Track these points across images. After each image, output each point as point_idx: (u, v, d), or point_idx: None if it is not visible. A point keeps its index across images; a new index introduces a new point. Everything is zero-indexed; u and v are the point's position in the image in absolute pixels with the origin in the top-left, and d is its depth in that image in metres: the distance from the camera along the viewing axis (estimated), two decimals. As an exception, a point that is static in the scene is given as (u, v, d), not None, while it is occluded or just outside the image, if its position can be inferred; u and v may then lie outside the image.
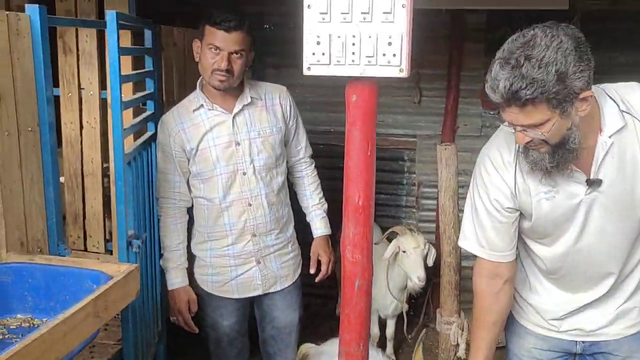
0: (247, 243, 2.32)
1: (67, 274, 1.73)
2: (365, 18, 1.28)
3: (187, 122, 2.24)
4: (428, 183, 4.06)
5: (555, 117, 1.41)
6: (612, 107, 1.53)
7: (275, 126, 2.32)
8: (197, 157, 2.24)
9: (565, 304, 1.79)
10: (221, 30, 2.09)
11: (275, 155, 2.33)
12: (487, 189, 1.72)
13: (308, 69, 1.34)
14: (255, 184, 2.27)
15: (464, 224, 1.84)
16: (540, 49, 1.35)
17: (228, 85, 2.17)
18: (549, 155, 1.50)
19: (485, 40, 3.70)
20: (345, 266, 1.48)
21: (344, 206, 1.47)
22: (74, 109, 2.66)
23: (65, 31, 2.55)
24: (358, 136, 1.40)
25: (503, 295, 1.80)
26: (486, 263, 1.79)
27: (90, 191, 2.75)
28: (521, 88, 1.35)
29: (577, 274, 1.74)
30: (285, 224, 2.43)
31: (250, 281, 2.37)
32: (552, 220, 1.65)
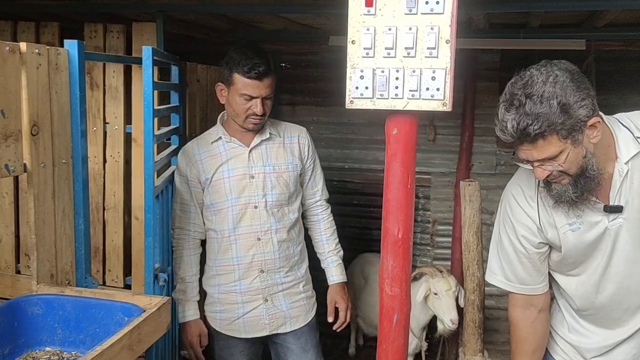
0: (255, 279, 2.29)
1: (98, 306, 1.71)
2: (409, 53, 1.31)
3: (205, 152, 2.26)
4: (443, 220, 4.06)
5: (568, 147, 1.45)
6: (626, 134, 1.57)
7: (291, 163, 2.31)
8: (211, 187, 2.24)
9: (604, 341, 1.77)
10: (253, 79, 2.10)
11: (289, 192, 2.31)
12: (514, 226, 1.73)
13: (351, 103, 1.36)
14: (266, 219, 2.25)
15: (490, 260, 1.85)
16: (539, 86, 1.43)
17: (261, 125, 2.22)
18: (571, 186, 1.53)
19: (500, 79, 3.77)
20: (384, 300, 1.47)
21: (382, 239, 1.46)
22: (98, 143, 2.68)
23: (93, 67, 2.59)
24: (398, 169, 1.41)
25: (539, 324, 1.81)
26: (519, 295, 1.80)
27: (111, 225, 2.75)
28: (528, 125, 1.42)
29: (612, 307, 1.71)
30: (297, 262, 2.39)
31: (258, 320, 2.32)
32: (581, 251, 1.66)
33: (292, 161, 2.31)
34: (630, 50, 3.55)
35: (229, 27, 3.35)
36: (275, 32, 3.56)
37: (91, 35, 2.65)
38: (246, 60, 2.09)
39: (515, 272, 1.77)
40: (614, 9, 2.51)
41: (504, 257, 1.79)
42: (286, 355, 2.41)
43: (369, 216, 4.16)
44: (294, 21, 3.20)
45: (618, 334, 1.74)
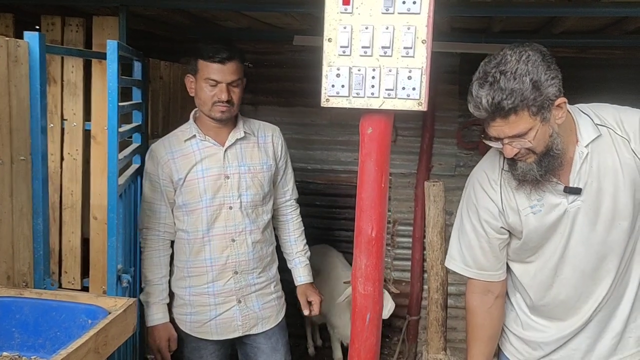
0: (229, 281, 2.25)
1: (59, 309, 1.64)
2: (386, 52, 1.31)
3: (178, 151, 2.20)
4: (403, 221, 4.10)
5: (537, 124, 1.52)
6: (586, 120, 1.65)
7: (265, 163, 2.30)
8: (184, 187, 2.19)
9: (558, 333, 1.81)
10: (216, 63, 2.09)
11: (264, 192, 2.29)
12: (477, 210, 1.78)
13: (327, 101, 1.35)
14: (240, 220, 2.23)
15: (450, 246, 1.90)
16: (512, 64, 1.50)
17: (229, 115, 2.17)
18: (536, 165, 1.60)
19: (460, 82, 3.83)
20: (356, 299, 1.47)
21: (355, 238, 1.46)
22: (55, 140, 2.59)
23: (50, 61, 2.50)
24: (372, 168, 1.41)
25: (495, 310, 1.86)
26: (477, 281, 1.84)
27: (69, 225, 2.66)
28: (502, 99, 1.48)
29: (567, 292, 1.75)
30: (269, 263, 2.37)
31: (230, 321, 2.29)
32: (541, 234, 1.71)
33: (266, 161, 2.30)
34: (583, 57, 3.68)
35: (191, 24, 3.29)
36: (239, 31, 3.52)
37: (48, 28, 2.56)
38: (210, 47, 2.10)
39: (474, 258, 1.81)
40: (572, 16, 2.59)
41: (464, 243, 1.83)
42: (256, 355, 2.39)
43: (331, 217, 4.17)
44: (258, 20, 3.17)
45: (572, 324, 1.78)
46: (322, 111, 3.98)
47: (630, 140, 1.63)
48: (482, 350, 1.87)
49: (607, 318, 1.77)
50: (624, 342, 1.80)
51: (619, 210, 1.65)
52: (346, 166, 4.08)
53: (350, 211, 4.07)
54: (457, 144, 3.97)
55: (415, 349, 4.09)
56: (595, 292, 1.73)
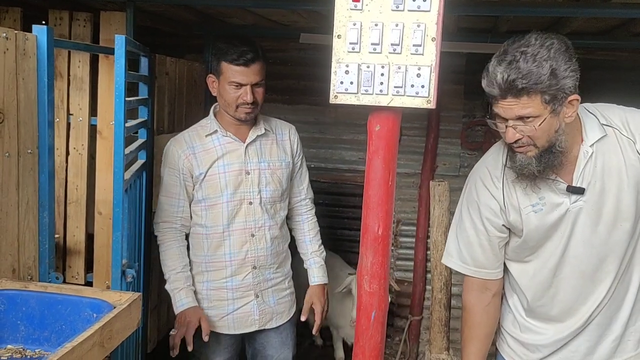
0: (247, 275, 2.26)
1: (64, 302, 1.65)
2: (395, 50, 1.31)
3: (199, 146, 2.20)
4: (407, 221, 4.10)
5: (546, 114, 1.51)
6: (593, 120, 1.65)
7: (284, 160, 2.31)
8: (205, 182, 2.19)
9: (556, 335, 1.80)
10: (240, 66, 2.08)
11: (282, 188, 2.30)
12: (479, 207, 1.77)
13: (335, 98, 1.35)
14: (260, 215, 2.24)
15: (448, 243, 1.89)
16: (535, 47, 1.49)
17: (254, 115, 2.19)
18: (535, 159, 1.58)
19: (465, 83, 3.83)
20: (362, 297, 1.46)
21: (362, 235, 1.46)
22: (61, 135, 2.60)
23: (57, 55, 2.50)
24: (380, 165, 1.41)
25: (492, 308, 1.86)
26: (475, 279, 1.83)
27: (73, 220, 2.67)
28: (518, 78, 1.47)
29: (565, 293, 1.74)
30: (285, 259, 2.39)
31: (248, 316, 2.30)
32: (542, 233, 1.70)
33: (284, 158, 2.32)
34: (590, 58, 3.67)
35: (198, 20, 3.29)
36: (244, 28, 3.51)
37: (56, 23, 2.56)
38: (233, 49, 2.08)
39: (472, 255, 1.80)
40: (579, 17, 2.59)
41: (463, 240, 1.82)
42: (265, 349, 2.40)
43: (335, 216, 4.16)
44: (264, 17, 3.17)
45: (570, 325, 1.77)
46: (327, 109, 3.98)
47: (635, 142, 1.63)
48: (479, 348, 1.86)
49: (608, 321, 1.76)
50: (623, 345, 1.79)
51: (622, 211, 1.64)
52: (351, 165, 4.07)
53: (354, 210, 4.06)
54: (461, 144, 3.96)
55: (417, 349, 4.09)
56: (594, 294, 1.72)
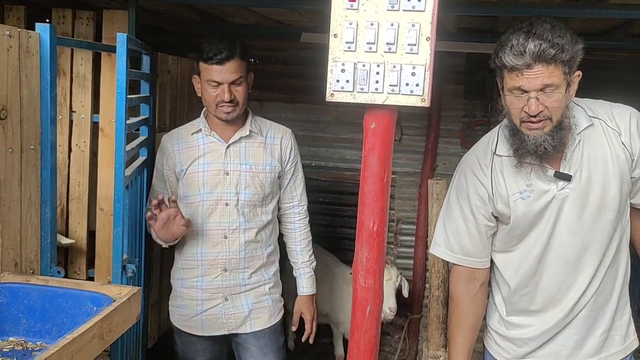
0: (217, 277, 2.25)
1: (65, 296, 1.67)
2: (390, 49, 1.33)
3: (184, 144, 2.24)
4: (406, 219, 4.12)
5: (564, 85, 1.58)
6: (580, 111, 1.72)
7: (269, 164, 2.27)
8: (185, 179, 2.22)
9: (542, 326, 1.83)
10: (214, 64, 2.08)
11: (264, 193, 2.26)
12: (468, 196, 1.81)
13: (331, 96, 1.38)
14: (235, 217, 2.21)
15: (436, 233, 1.94)
16: (550, 23, 1.57)
17: (235, 114, 2.17)
18: (549, 136, 1.62)
19: (465, 82, 3.85)
20: (357, 291, 1.49)
21: (357, 231, 1.49)
22: (64, 132, 2.62)
23: (60, 53, 2.53)
24: (375, 163, 1.43)
25: (479, 298, 1.90)
26: (462, 268, 1.87)
27: (75, 216, 2.69)
28: (548, 47, 1.53)
29: (549, 281, 1.77)
30: (265, 265, 2.33)
31: (216, 319, 2.29)
32: (529, 220, 1.74)
33: (270, 162, 2.27)
34: (589, 59, 3.68)
35: (199, 19, 3.32)
36: (246, 27, 3.55)
37: (59, 21, 2.58)
38: (209, 47, 2.08)
39: (460, 243, 1.84)
40: (577, 18, 2.60)
41: (451, 228, 1.86)
42: (245, 356, 2.39)
43: (335, 214, 4.19)
44: (266, 16, 3.20)
45: (553, 316, 1.80)
46: (327, 108, 4.01)
47: (620, 133, 1.69)
48: (466, 337, 1.90)
49: (595, 314, 1.79)
50: (610, 339, 1.83)
51: (607, 201, 1.69)
52: (350, 164, 4.10)
53: (354, 209, 4.06)
54: (461, 143, 3.98)
55: (416, 347, 4.11)
56: (576, 283, 1.76)
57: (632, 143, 1.68)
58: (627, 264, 1.82)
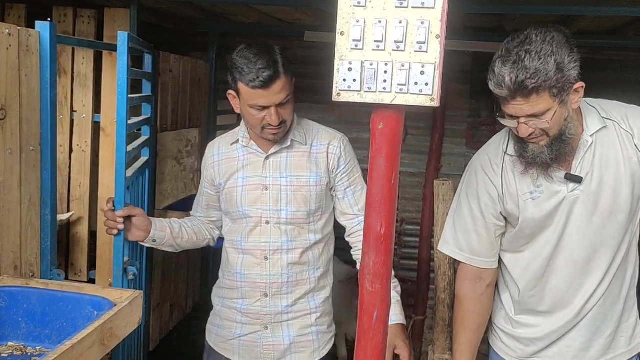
0: (257, 302, 2.01)
1: (65, 300, 1.64)
2: (398, 47, 1.29)
3: (224, 154, 2.03)
4: (411, 220, 4.08)
5: (555, 106, 1.52)
6: (593, 112, 1.68)
7: (314, 176, 1.98)
8: (224, 194, 2.02)
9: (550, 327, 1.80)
10: (259, 89, 1.79)
11: (309, 209, 1.98)
12: (478, 194, 1.78)
13: (338, 95, 1.33)
14: (277, 237, 1.97)
15: (445, 230, 1.91)
16: (537, 44, 1.50)
17: (283, 134, 1.93)
18: (547, 148, 1.60)
19: (471, 82, 3.81)
20: (364, 296, 1.45)
21: (364, 234, 1.44)
22: (65, 132, 2.59)
23: (61, 52, 2.50)
24: (383, 164, 1.39)
25: (486, 299, 1.86)
26: (469, 267, 1.84)
27: (76, 217, 2.66)
28: (526, 78, 1.47)
29: (558, 282, 1.75)
30: (312, 290, 2.05)
31: (254, 347, 2.05)
32: (538, 221, 1.71)
33: (316, 174, 1.98)
34: (597, 58, 3.65)
35: (202, 17, 3.29)
36: (249, 26, 3.51)
37: (60, 20, 2.56)
38: (249, 67, 1.78)
39: (469, 242, 1.81)
40: (586, 16, 2.56)
41: (460, 226, 1.83)
42: None
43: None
44: (269, 15, 3.16)
45: (562, 317, 1.78)
46: (332, 108, 3.97)
47: (634, 136, 1.66)
48: (471, 338, 1.87)
49: (603, 316, 1.77)
50: (617, 341, 1.81)
51: (618, 203, 1.66)
52: (356, 164, 4.06)
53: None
54: (466, 143, 3.95)
55: (420, 349, 4.07)
56: (585, 285, 1.74)
57: None
58: (635, 266, 1.81)
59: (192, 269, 3.51)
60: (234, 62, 1.83)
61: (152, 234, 2.00)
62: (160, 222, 2.05)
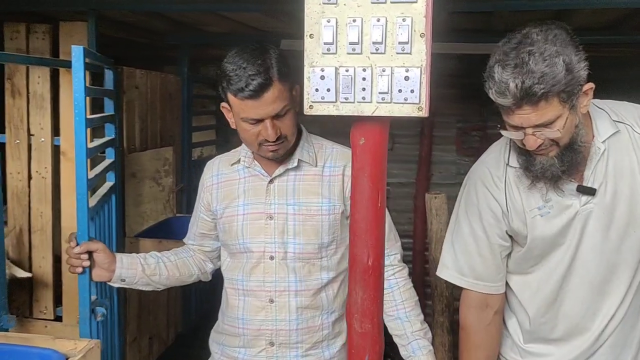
0: (261, 352, 1.74)
1: (11, 354, 1.43)
2: (378, 49, 1.10)
3: (223, 175, 1.77)
4: (402, 233, 3.86)
5: (565, 112, 1.35)
6: (603, 116, 1.51)
7: (327, 203, 1.70)
8: (222, 223, 1.76)
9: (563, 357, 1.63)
10: (249, 99, 1.54)
11: (320, 242, 1.70)
12: (479, 212, 1.60)
13: (310, 108, 1.15)
14: (283, 275, 1.70)
15: (443, 252, 1.70)
16: (540, 44, 1.32)
17: (284, 151, 1.65)
18: (557, 159, 1.42)
19: (460, 86, 3.64)
20: (353, 339, 1.25)
21: (349, 267, 1.25)
22: (22, 157, 2.40)
23: (14, 72, 2.31)
24: (367, 185, 1.20)
25: (494, 328, 1.67)
26: (474, 293, 1.64)
27: (39, 249, 2.46)
28: (534, 83, 1.30)
29: (573, 307, 1.58)
30: (327, 338, 1.76)
31: None
32: (549, 239, 1.54)
33: (328, 200, 1.70)
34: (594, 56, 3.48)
35: (171, 29, 3.10)
36: (221, 36, 3.32)
37: (12, 37, 2.37)
38: (237, 75, 1.54)
39: (471, 265, 1.62)
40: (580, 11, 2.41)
41: (460, 248, 1.64)
42: None
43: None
44: (243, 23, 2.98)
45: (578, 346, 1.60)
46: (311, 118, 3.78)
47: None
48: None
49: (622, 342, 1.60)
50: None
51: (636, 216, 1.49)
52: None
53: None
54: (456, 150, 3.79)
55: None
56: (603, 309, 1.56)
57: None
58: None
59: (172, 296, 3.29)
60: (223, 69, 1.58)
61: (118, 272, 1.73)
62: (129, 258, 1.77)
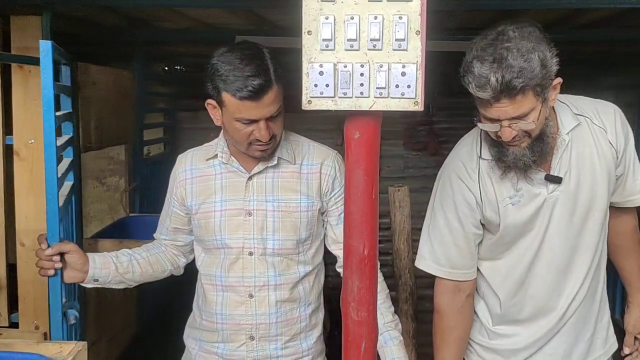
0: (241, 346, 1.77)
1: (-10, 362, 1.38)
2: (375, 46, 1.15)
3: (198, 171, 1.78)
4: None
5: (539, 105, 1.46)
6: (566, 109, 1.64)
7: (305, 200, 1.75)
8: (197, 219, 1.78)
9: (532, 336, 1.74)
10: (247, 100, 1.56)
11: (298, 238, 1.76)
12: (455, 203, 1.69)
13: (309, 103, 1.17)
14: (262, 270, 1.74)
15: (421, 244, 1.79)
16: (516, 40, 1.42)
17: (272, 150, 1.71)
18: (529, 150, 1.53)
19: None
20: (349, 327, 1.30)
21: (345, 258, 1.29)
22: (-29, 157, 2.27)
23: (-39, 68, 2.18)
24: (362, 177, 1.24)
25: (466, 310, 1.78)
26: (447, 281, 1.74)
27: (-10, 253, 2.33)
28: (513, 77, 1.39)
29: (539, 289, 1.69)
30: (304, 330, 1.83)
31: None
32: (519, 226, 1.65)
33: (307, 197, 1.76)
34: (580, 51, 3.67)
35: (125, 25, 3.01)
36: (177, 32, 3.26)
37: (-42, 31, 2.23)
38: (235, 75, 1.54)
39: (447, 256, 1.72)
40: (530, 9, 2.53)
41: (437, 240, 1.73)
42: None
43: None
44: (199, 20, 2.94)
45: (543, 325, 1.73)
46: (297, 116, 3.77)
47: (607, 131, 1.63)
48: (454, 352, 1.78)
49: (583, 320, 1.73)
50: (594, 344, 1.78)
51: (595, 202, 1.63)
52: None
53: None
54: (404, 145, 3.89)
55: None
56: (566, 289, 1.69)
57: (617, 141, 1.65)
58: (605, 263, 1.78)
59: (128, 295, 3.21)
60: (215, 67, 1.59)
61: (92, 272, 1.73)
62: (101, 257, 1.77)
